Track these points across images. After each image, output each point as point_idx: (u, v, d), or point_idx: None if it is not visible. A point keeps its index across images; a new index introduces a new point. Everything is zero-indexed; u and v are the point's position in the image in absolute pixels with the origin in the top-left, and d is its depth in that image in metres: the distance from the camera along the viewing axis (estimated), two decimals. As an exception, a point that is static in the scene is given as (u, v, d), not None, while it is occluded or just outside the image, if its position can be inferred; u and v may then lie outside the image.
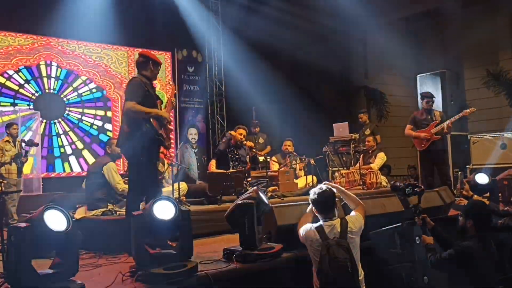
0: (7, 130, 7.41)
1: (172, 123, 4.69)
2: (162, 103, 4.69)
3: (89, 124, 10.28)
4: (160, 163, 6.20)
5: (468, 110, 7.16)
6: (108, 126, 10.51)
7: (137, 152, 4.35)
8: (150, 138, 4.35)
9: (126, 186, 5.37)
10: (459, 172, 5.97)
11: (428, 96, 7.41)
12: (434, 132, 7.12)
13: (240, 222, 3.95)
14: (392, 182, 4.38)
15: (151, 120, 4.36)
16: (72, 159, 9.87)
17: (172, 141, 4.81)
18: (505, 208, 4.49)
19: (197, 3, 11.03)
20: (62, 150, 9.77)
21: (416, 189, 4.09)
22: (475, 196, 4.77)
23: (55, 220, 2.95)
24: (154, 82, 5.02)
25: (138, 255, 3.37)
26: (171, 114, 4.76)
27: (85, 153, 10.04)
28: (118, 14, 9.58)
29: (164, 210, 3.46)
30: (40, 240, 2.87)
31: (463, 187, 5.02)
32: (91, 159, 9.83)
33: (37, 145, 7.57)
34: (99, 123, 10.42)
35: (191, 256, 3.61)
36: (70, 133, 9.96)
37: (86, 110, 10.30)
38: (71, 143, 9.94)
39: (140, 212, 3.44)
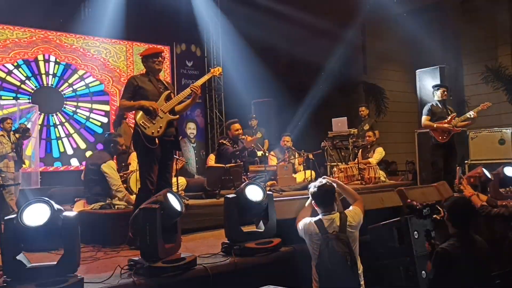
0: (0, 125, 7.41)
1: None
2: (172, 92, 4.72)
3: (86, 119, 10.27)
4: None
5: (484, 104, 6.98)
6: (105, 119, 10.49)
7: (136, 147, 4.58)
8: (136, 132, 4.44)
9: (121, 189, 5.41)
10: (457, 167, 5.98)
11: (446, 87, 7.23)
12: (455, 124, 6.91)
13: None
14: (409, 201, 4.02)
15: (137, 112, 4.45)
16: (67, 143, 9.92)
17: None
18: (504, 203, 4.49)
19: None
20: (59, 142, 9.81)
21: (435, 214, 3.71)
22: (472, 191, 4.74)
23: (37, 214, 2.89)
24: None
25: (149, 248, 3.34)
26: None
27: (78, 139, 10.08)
28: (117, 8, 9.54)
29: (176, 202, 3.53)
30: (18, 233, 2.85)
31: (461, 182, 5.00)
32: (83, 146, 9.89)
33: (27, 130, 7.56)
34: (96, 117, 10.39)
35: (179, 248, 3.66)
36: (66, 124, 9.97)
37: (83, 104, 10.28)
38: (68, 134, 9.95)
39: (157, 206, 3.39)
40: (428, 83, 8.47)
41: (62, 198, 6.09)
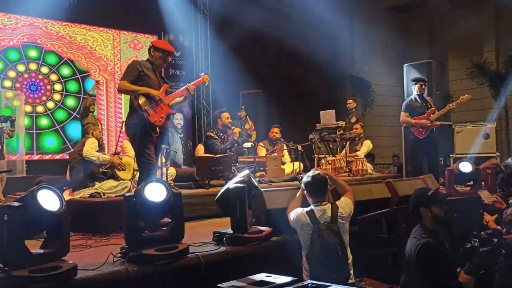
0: None
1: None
2: (169, 86, 4.79)
3: (73, 107, 10.16)
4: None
5: (464, 97, 7.01)
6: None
7: (132, 131, 4.54)
8: (138, 116, 4.44)
9: (92, 153, 5.45)
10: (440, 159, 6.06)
11: (423, 80, 7.25)
12: (433, 119, 6.90)
13: (231, 206, 3.94)
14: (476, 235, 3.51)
15: (139, 97, 4.45)
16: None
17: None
18: (494, 197, 4.56)
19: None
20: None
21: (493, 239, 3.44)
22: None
23: (48, 200, 2.93)
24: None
25: (129, 236, 3.37)
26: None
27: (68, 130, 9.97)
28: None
29: (155, 192, 3.45)
30: (33, 219, 2.84)
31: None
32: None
33: (10, 119, 7.46)
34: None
35: (182, 238, 3.62)
36: (55, 115, 9.85)
37: (73, 93, 10.16)
38: (55, 126, 9.84)
39: (132, 193, 3.43)
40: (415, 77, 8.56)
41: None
